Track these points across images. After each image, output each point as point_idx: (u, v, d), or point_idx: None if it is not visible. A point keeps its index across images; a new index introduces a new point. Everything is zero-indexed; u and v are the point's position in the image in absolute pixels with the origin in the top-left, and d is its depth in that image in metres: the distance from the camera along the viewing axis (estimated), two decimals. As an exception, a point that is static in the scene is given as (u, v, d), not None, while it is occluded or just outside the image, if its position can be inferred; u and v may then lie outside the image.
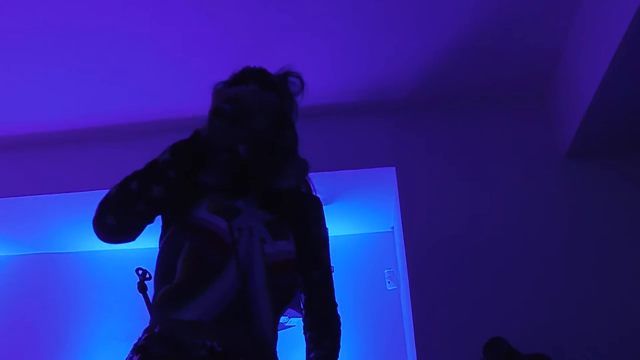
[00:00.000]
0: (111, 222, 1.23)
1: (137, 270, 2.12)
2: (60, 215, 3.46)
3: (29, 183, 3.29)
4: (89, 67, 2.82)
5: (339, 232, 3.59)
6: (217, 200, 1.34)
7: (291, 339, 3.01)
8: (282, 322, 2.92)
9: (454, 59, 2.84)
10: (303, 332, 1.40)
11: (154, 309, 1.28)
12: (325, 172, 3.13)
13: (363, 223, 3.65)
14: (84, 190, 3.18)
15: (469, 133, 3.13)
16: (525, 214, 2.92)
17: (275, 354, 1.32)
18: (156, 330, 1.22)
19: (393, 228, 3.64)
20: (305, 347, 1.38)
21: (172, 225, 1.33)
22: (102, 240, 1.27)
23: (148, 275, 2.08)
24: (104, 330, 3.62)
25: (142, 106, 3.08)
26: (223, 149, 1.36)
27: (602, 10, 2.36)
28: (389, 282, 3.54)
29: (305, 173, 1.47)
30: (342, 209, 3.48)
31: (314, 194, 1.53)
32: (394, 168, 3.10)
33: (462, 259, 2.86)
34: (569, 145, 2.89)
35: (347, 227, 3.64)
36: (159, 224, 1.39)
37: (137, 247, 1.74)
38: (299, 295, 1.43)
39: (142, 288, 2.14)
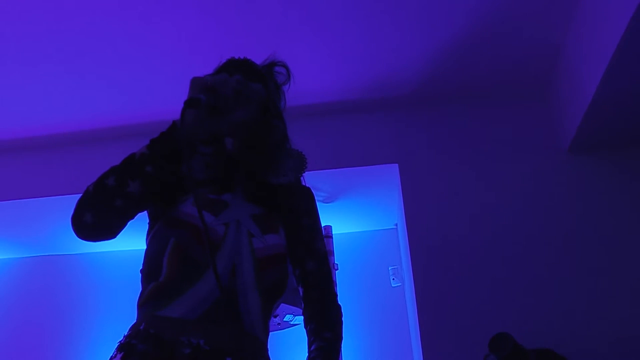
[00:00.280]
0: (89, 220, 1.21)
1: (142, 270, 2.12)
2: (64, 217, 3.42)
3: (33, 185, 3.29)
4: (90, 69, 2.83)
5: (342, 230, 3.59)
6: (204, 195, 1.30)
7: (293, 337, 3.02)
8: (287, 320, 2.92)
9: (455, 55, 2.84)
10: (304, 326, 1.37)
11: (140, 306, 1.25)
12: (328, 170, 3.13)
13: (366, 220, 3.64)
14: (87, 192, 3.17)
15: (471, 129, 3.12)
16: (528, 209, 2.91)
17: (266, 350, 1.28)
18: (141, 327, 1.19)
19: (397, 225, 3.63)
20: (307, 340, 1.33)
21: (158, 221, 1.30)
22: (81, 239, 1.24)
23: None
24: (108, 331, 3.63)
25: (146, 107, 3.08)
26: (203, 141, 1.32)
27: (603, 4, 2.35)
28: (393, 279, 3.54)
29: (304, 167, 1.42)
30: (345, 207, 3.48)
31: (303, 184, 1.49)
32: (397, 165, 3.10)
33: (466, 254, 2.86)
34: (571, 140, 2.88)
35: (350, 224, 3.64)
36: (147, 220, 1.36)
37: (142, 248, 1.74)
38: (298, 291, 1.40)
39: None
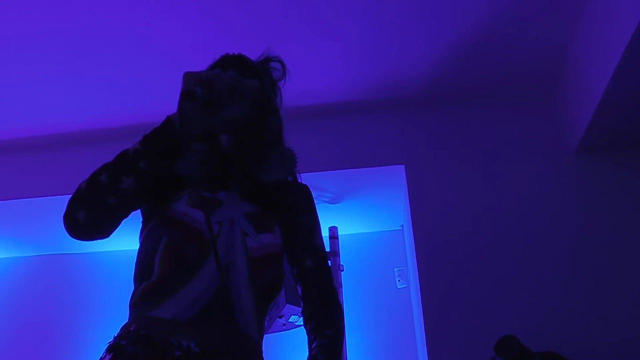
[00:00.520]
0: (82, 218, 1.18)
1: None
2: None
3: (37, 184, 3.30)
4: (91, 70, 2.83)
5: (348, 231, 3.59)
6: (197, 193, 1.27)
7: (295, 338, 3.01)
8: (292, 321, 2.92)
9: (461, 55, 2.83)
10: (304, 325, 1.33)
11: (132, 306, 1.23)
12: (334, 171, 3.12)
13: (372, 221, 3.64)
14: (93, 191, 3.18)
15: (477, 130, 3.11)
16: (534, 211, 2.90)
17: (261, 351, 1.26)
18: (132, 328, 1.17)
19: (403, 226, 3.63)
20: (307, 339, 1.30)
21: (151, 220, 1.27)
22: (74, 238, 1.22)
23: None
24: (114, 330, 3.63)
25: (147, 107, 3.08)
26: (197, 137, 1.29)
27: (611, 5, 2.34)
28: (399, 280, 3.53)
29: (293, 166, 1.37)
30: (351, 208, 3.47)
31: (300, 181, 1.45)
32: (403, 166, 3.09)
33: (472, 256, 2.84)
34: (579, 141, 2.87)
35: (356, 225, 3.63)
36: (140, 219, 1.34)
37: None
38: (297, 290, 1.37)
39: None
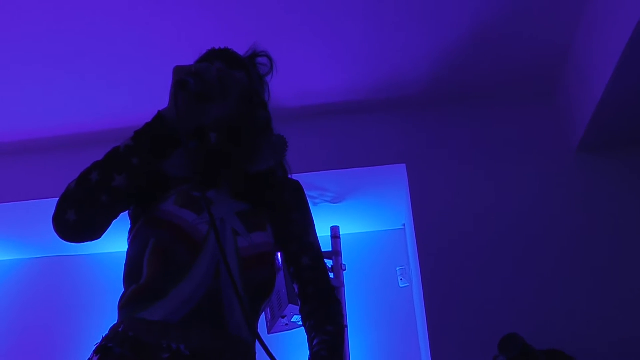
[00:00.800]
0: (72, 218, 1.15)
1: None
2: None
3: (40, 187, 3.30)
4: (94, 71, 2.84)
5: (350, 230, 3.59)
6: (186, 192, 1.24)
7: (297, 338, 3.02)
8: (295, 321, 2.92)
9: (462, 54, 2.83)
10: (302, 323, 1.31)
11: (121, 308, 1.21)
12: (336, 171, 3.13)
13: (374, 221, 3.64)
14: (95, 193, 3.18)
15: (479, 129, 3.11)
16: (536, 209, 2.90)
17: (254, 353, 1.24)
18: (120, 329, 1.14)
19: (404, 225, 3.63)
20: (307, 337, 1.27)
21: (139, 221, 1.25)
22: (64, 239, 1.19)
23: None
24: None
25: (150, 109, 3.07)
26: (189, 132, 1.25)
27: (611, 3, 2.34)
28: (401, 279, 3.53)
29: (284, 150, 1.33)
30: (353, 207, 3.47)
31: (290, 176, 1.42)
32: (405, 165, 3.10)
33: (475, 255, 2.85)
34: (580, 139, 2.86)
35: (358, 225, 3.63)
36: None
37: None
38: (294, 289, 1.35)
39: None
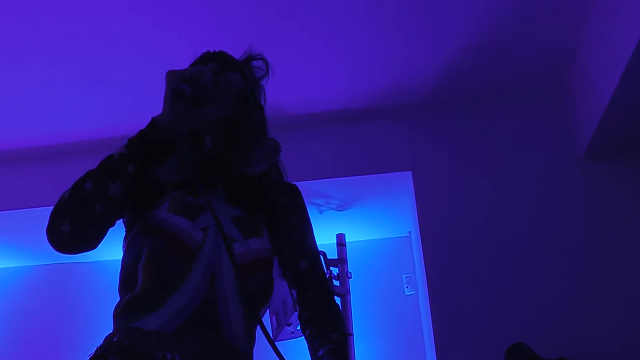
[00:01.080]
0: (67, 229, 1.13)
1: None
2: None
3: (47, 194, 3.30)
4: (100, 78, 2.84)
5: (356, 238, 3.57)
6: (179, 198, 1.21)
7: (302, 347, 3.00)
8: (300, 329, 2.90)
9: (467, 59, 2.82)
10: (302, 330, 1.27)
11: (116, 317, 1.19)
12: (341, 178, 3.12)
13: (380, 228, 3.62)
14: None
15: (484, 134, 3.10)
16: (543, 216, 2.88)
17: None
18: (115, 339, 1.12)
19: (410, 233, 3.61)
20: (308, 345, 1.24)
21: (133, 228, 1.22)
22: (59, 251, 1.17)
23: None
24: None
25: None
26: (185, 137, 1.22)
27: (618, 7, 2.33)
28: (407, 287, 3.51)
29: (277, 154, 1.29)
30: (358, 215, 3.46)
31: (285, 179, 1.38)
32: (410, 172, 3.08)
33: (481, 262, 2.83)
34: (587, 145, 2.84)
35: (364, 232, 3.62)
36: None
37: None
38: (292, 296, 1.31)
39: None
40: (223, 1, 2.46)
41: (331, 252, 2.98)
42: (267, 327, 1.17)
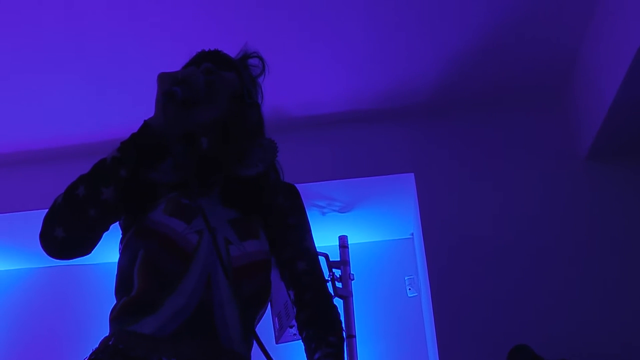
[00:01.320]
0: (60, 235, 1.13)
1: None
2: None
3: (47, 196, 3.30)
4: (104, 80, 2.84)
5: (358, 240, 3.57)
6: (175, 200, 1.20)
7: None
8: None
9: (470, 61, 2.82)
10: (299, 332, 1.26)
11: (112, 321, 1.18)
12: (344, 180, 3.11)
13: (382, 230, 3.62)
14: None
15: (487, 136, 3.09)
16: (546, 218, 2.87)
17: None
18: (110, 342, 1.12)
19: (413, 234, 3.61)
20: (305, 347, 1.23)
21: (129, 231, 1.21)
22: (52, 257, 1.16)
23: None
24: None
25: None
26: (177, 139, 1.22)
27: (620, 8, 2.32)
28: (409, 289, 3.50)
29: (274, 155, 1.28)
30: (361, 217, 3.46)
31: (283, 179, 1.36)
32: (413, 174, 3.08)
33: (483, 264, 2.83)
34: (590, 146, 2.84)
35: (366, 234, 3.62)
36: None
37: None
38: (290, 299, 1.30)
39: None
40: (223, 1, 2.45)
41: (334, 254, 2.98)
42: (267, 329, 1.16)
